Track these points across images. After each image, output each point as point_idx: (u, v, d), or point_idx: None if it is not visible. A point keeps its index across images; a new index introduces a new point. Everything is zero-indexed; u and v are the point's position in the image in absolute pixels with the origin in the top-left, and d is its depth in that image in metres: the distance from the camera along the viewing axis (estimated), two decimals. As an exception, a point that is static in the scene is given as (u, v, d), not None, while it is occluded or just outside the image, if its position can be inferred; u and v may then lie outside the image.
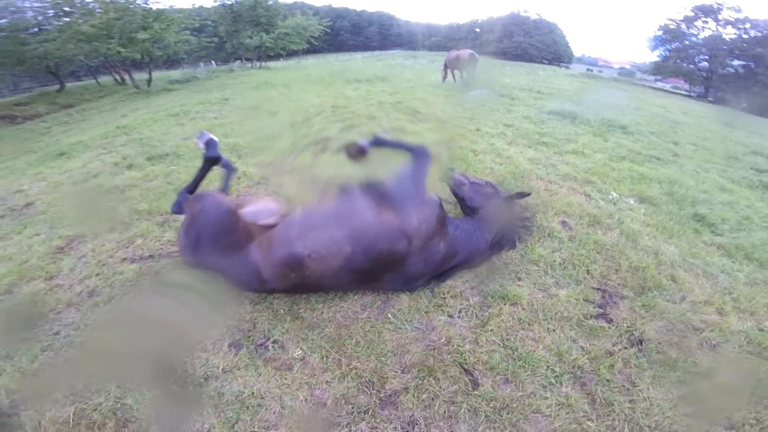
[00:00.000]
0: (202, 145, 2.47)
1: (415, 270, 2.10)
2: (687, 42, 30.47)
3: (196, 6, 24.63)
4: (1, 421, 1.60)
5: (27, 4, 16.26)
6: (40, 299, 2.22)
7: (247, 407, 1.62)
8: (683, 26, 30.97)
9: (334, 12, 48.44)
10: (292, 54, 24.73)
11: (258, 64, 22.64)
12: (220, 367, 1.78)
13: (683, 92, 29.26)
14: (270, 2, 22.93)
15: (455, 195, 2.61)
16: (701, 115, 12.02)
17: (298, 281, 1.98)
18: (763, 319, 2.18)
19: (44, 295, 2.26)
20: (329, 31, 26.21)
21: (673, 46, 31.43)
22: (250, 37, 21.45)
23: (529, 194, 2.54)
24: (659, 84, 32.56)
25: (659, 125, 7.87)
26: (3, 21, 14.74)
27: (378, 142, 2.36)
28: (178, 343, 1.91)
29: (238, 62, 24.71)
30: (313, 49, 25.02)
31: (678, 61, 30.36)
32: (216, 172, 3.77)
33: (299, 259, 1.92)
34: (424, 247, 2.07)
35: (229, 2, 22.53)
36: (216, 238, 2.01)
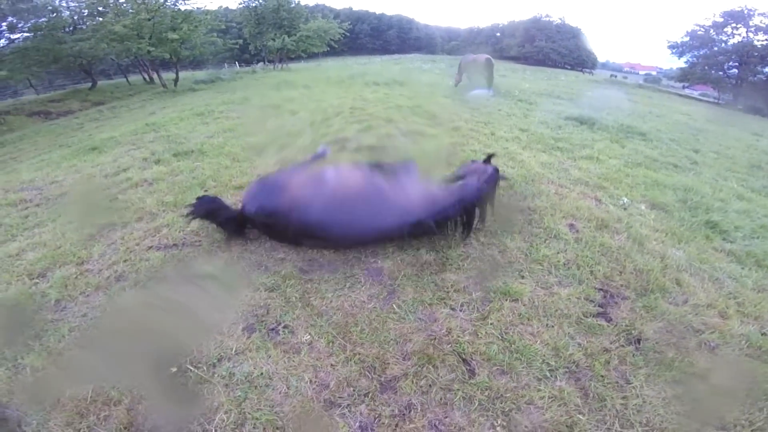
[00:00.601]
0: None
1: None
2: (716, 48, 29.45)
3: (222, 8, 25.30)
4: (24, 398, 1.69)
5: (64, 4, 17.04)
6: (70, 283, 2.37)
7: (255, 387, 1.71)
8: (712, 32, 29.96)
9: (354, 15, 48.85)
10: (312, 56, 25.12)
11: (279, 65, 23.11)
12: (233, 349, 1.89)
13: (711, 100, 28.36)
14: (293, 5, 23.39)
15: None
16: (728, 123, 11.68)
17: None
18: (767, 323, 2.18)
19: (75, 279, 2.40)
20: (349, 34, 26.52)
21: (701, 53, 30.42)
22: (273, 39, 21.94)
23: (493, 155, 3.06)
24: (687, 91, 31.66)
25: (681, 133, 7.72)
26: (42, 20, 15.43)
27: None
28: (197, 327, 2.04)
29: (260, 64, 25.25)
30: (332, 52, 25.33)
31: (706, 67, 29.37)
32: (236, 169, 3.95)
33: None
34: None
35: (254, 5, 23.11)
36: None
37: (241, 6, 23.72)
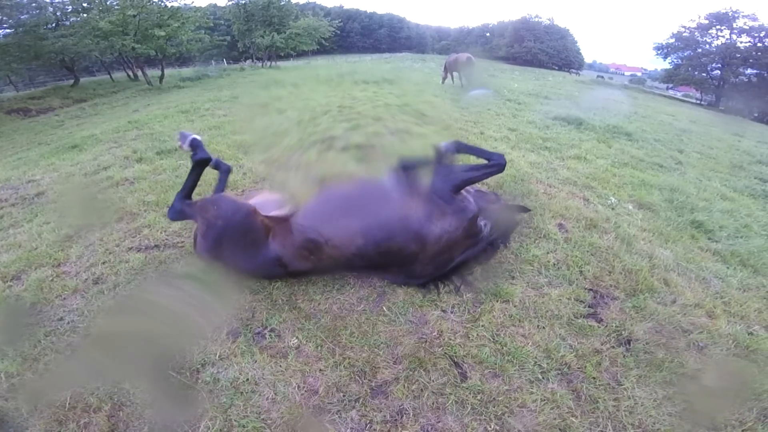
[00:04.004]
0: (186, 147, 2.36)
1: (420, 272, 2.16)
2: (699, 50, 30.18)
3: (212, 4, 24.96)
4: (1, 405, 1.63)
5: (48, 0, 16.63)
6: (46, 285, 2.29)
7: (241, 393, 1.67)
8: (696, 34, 30.70)
9: (345, 13, 48.73)
10: (302, 54, 24.94)
11: (268, 63, 22.87)
12: (217, 354, 1.83)
13: (694, 101, 29.04)
14: (282, 2, 23.18)
15: None
16: (710, 124, 11.94)
17: (315, 263, 2.07)
18: (753, 323, 2.20)
19: (51, 282, 2.33)
20: (339, 32, 26.44)
21: (685, 54, 31.15)
22: (262, 37, 21.73)
23: (530, 210, 2.73)
24: (670, 92, 32.37)
25: (666, 133, 7.84)
26: (24, 16, 15.05)
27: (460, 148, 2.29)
28: (179, 331, 1.97)
29: (249, 61, 24.97)
30: (322, 50, 25.20)
31: (690, 69, 30.09)
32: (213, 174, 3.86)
33: (318, 245, 2.01)
34: (437, 255, 2.10)
35: (243, 1, 22.83)
36: (237, 240, 2.05)
37: (230, 3, 23.41)
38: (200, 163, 2.34)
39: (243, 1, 22.83)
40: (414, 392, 1.69)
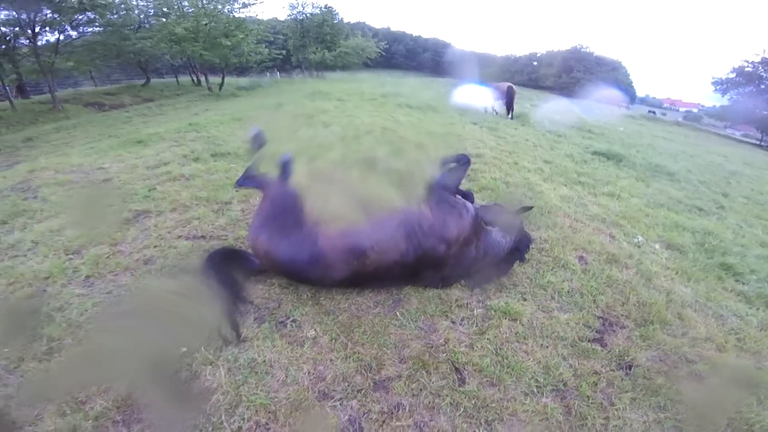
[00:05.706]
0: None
1: (449, 271, 2.43)
2: (763, 86, 28.19)
3: (272, 18, 26.62)
4: (33, 366, 1.78)
5: (134, 2, 18.30)
6: (102, 261, 2.55)
7: (256, 373, 1.83)
8: (761, 69, 28.70)
9: (391, 35, 49.98)
10: (346, 67, 25.89)
11: (316, 74, 24.04)
12: (242, 336, 2.02)
13: (754, 141, 27.15)
14: (336, 21, 24.42)
15: None
16: (767, 167, 11.25)
17: (358, 269, 2.24)
18: (764, 359, 2.17)
19: (107, 258, 2.59)
20: (385, 54, 27.28)
21: (746, 90, 29.19)
22: (314, 53, 22.93)
23: (531, 207, 2.97)
24: (728, 131, 30.50)
25: (713, 174, 7.54)
26: (113, 17, 16.58)
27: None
28: (212, 313, 2.14)
29: (299, 76, 26.30)
30: (367, 66, 26.07)
31: (750, 106, 28.15)
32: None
33: (362, 249, 2.20)
34: (458, 253, 2.40)
35: (300, 17, 24.29)
36: (281, 218, 2.31)
37: (289, 18, 24.96)
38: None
39: (300, 17, 24.29)
40: (413, 390, 1.82)
